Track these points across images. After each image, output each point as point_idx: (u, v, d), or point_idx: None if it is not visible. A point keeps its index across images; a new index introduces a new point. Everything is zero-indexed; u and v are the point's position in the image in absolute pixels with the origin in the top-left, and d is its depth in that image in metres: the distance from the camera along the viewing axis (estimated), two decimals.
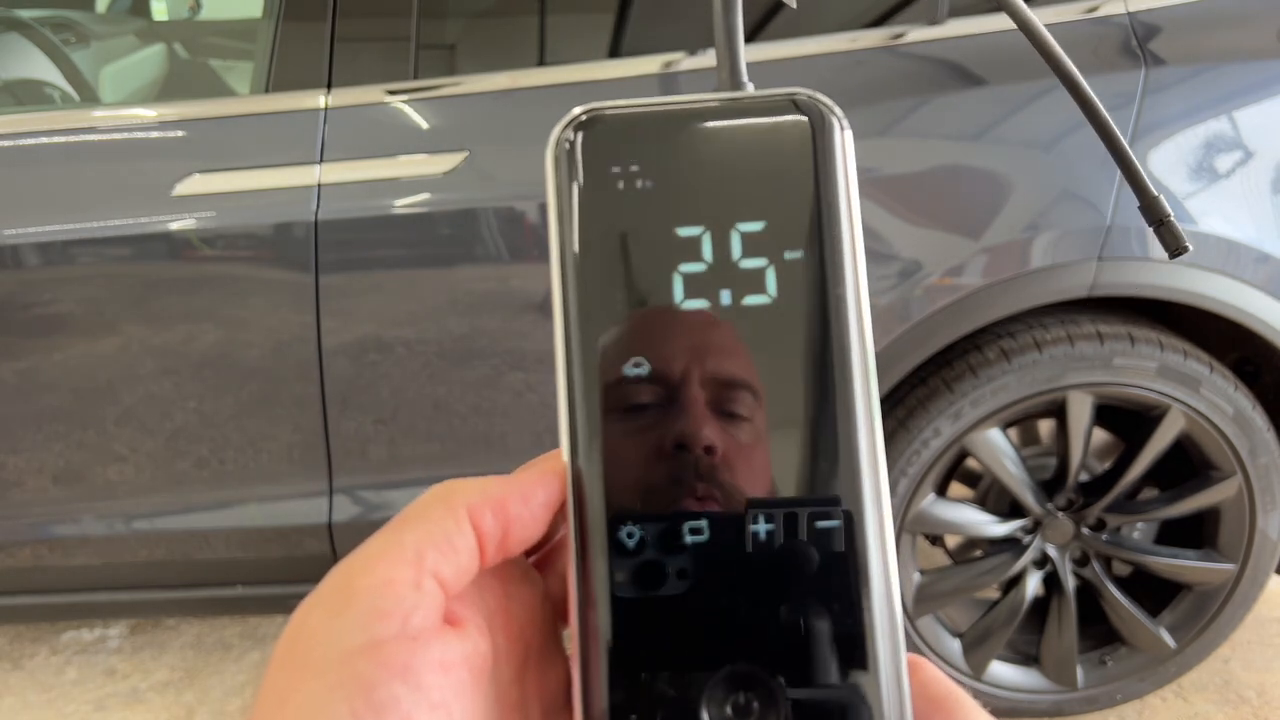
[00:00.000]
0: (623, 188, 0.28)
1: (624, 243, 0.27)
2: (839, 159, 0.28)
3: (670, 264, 0.27)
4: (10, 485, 1.48)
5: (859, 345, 0.27)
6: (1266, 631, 1.87)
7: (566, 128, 0.28)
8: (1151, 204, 0.42)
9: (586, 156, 0.28)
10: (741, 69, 0.32)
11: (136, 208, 1.38)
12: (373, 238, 1.40)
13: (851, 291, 0.27)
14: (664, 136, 0.28)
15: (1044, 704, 1.64)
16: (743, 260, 0.27)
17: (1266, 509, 1.51)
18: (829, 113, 0.28)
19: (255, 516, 1.49)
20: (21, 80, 1.73)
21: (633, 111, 0.28)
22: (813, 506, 0.26)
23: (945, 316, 1.40)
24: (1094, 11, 1.39)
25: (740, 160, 0.28)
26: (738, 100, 0.29)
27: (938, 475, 1.50)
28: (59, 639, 1.94)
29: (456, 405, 1.45)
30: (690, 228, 0.27)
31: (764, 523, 0.26)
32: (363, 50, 1.44)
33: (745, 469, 0.26)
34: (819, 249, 0.27)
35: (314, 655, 0.23)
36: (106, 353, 1.42)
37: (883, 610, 0.25)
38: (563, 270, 0.27)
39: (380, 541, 0.25)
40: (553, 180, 0.28)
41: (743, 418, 0.27)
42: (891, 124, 1.39)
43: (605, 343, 0.27)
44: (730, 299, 0.27)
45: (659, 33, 1.47)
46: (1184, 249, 0.42)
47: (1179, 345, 1.44)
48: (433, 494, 0.26)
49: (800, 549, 0.26)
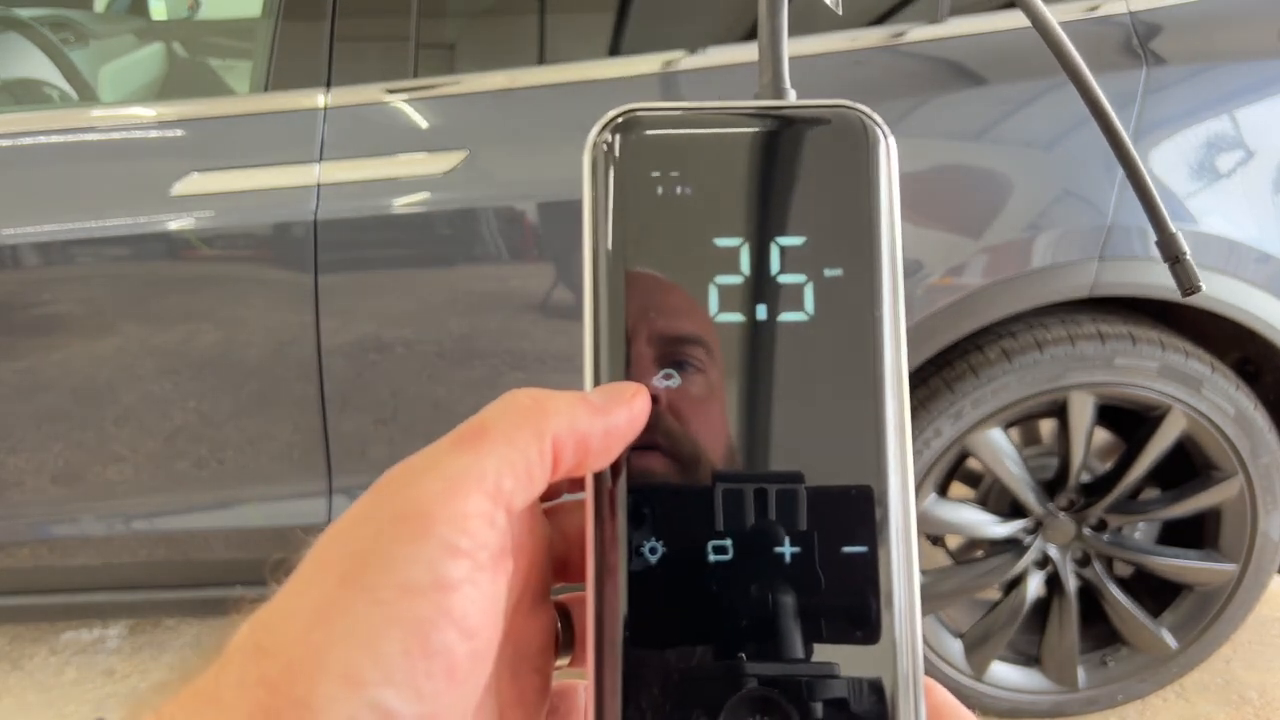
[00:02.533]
0: (661, 193, 0.27)
1: (660, 250, 0.27)
2: (883, 175, 0.27)
3: (707, 275, 0.26)
4: (10, 485, 1.48)
5: (894, 369, 0.26)
6: (1268, 632, 1.86)
7: (604, 129, 0.28)
8: (1169, 240, 0.42)
9: (625, 159, 0.27)
10: (785, 75, 0.31)
11: (135, 207, 1.37)
12: (372, 237, 1.40)
13: (890, 314, 0.26)
14: (705, 142, 0.27)
15: (1045, 704, 1.63)
16: (781, 275, 0.26)
17: (1268, 509, 1.51)
18: (874, 126, 0.27)
19: (255, 517, 1.49)
20: (20, 80, 1.73)
21: (672, 114, 0.28)
22: (841, 532, 0.25)
23: (946, 316, 1.40)
24: (1095, 10, 1.39)
25: (782, 172, 0.27)
26: (781, 109, 0.28)
27: (939, 475, 1.50)
28: (58, 639, 1.94)
29: (456, 405, 1.45)
30: (729, 238, 0.27)
31: (790, 545, 0.25)
32: (362, 49, 1.44)
33: (779, 494, 0.26)
34: (860, 268, 0.26)
35: (374, 578, 0.22)
36: (105, 353, 1.42)
37: (905, 643, 0.25)
38: (595, 275, 0.27)
39: (460, 462, 0.24)
40: (589, 182, 0.27)
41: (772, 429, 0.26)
42: (892, 123, 1.37)
43: (636, 352, 0.26)
44: (766, 314, 0.26)
45: (659, 32, 1.47)
46: (1196, 289, 0.42)
47: (1180, 345, 1.44)
48: (520, 411, 0.25)
49: (828, 573, 0.25)
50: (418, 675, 0.22)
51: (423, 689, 0.22)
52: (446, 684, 0.22)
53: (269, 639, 0.22)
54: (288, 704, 0.21)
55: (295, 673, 0.21)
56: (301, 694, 0.21)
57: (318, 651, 0.22)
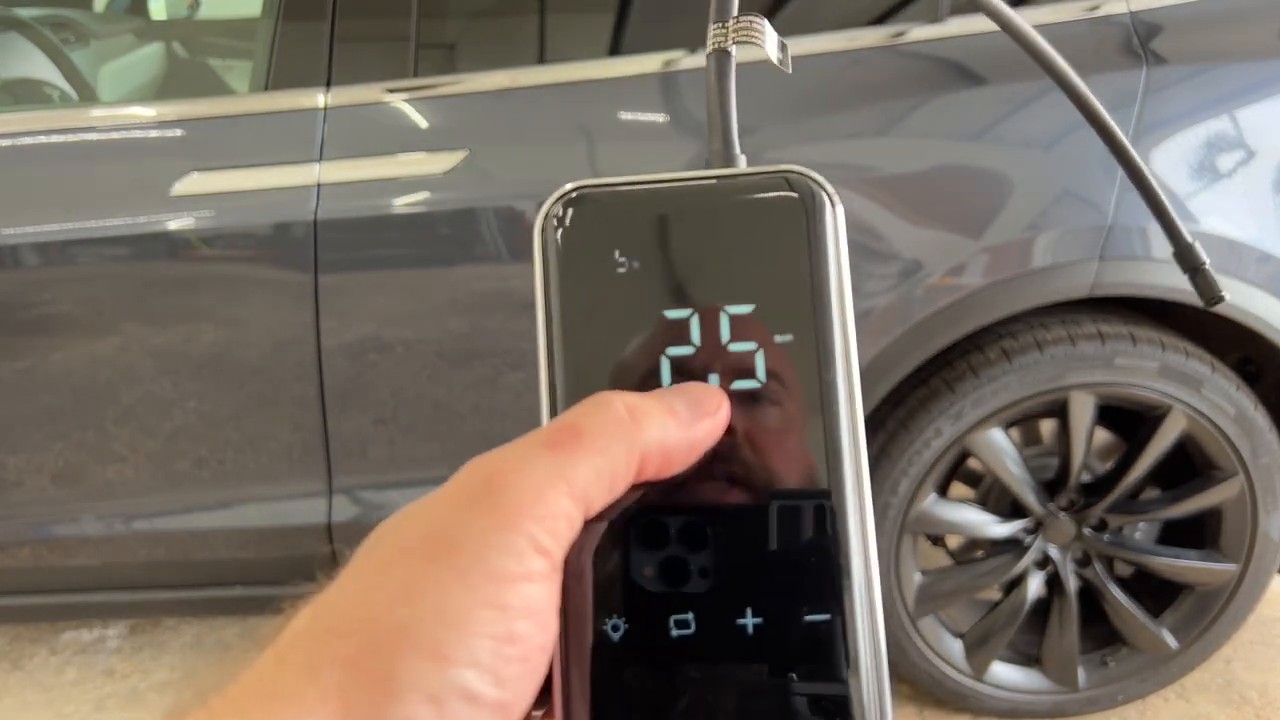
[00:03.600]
0: (610, 268, 0.27)
1: (611, 324, 0.27)
2: (830, 239, 0.27)
3: (658, 347, 0.27)
4: (10, 485, 1.47)
5: (849, 431, 0.26)
6: (1269, 632, 1.86)
7: (555, 203, 0.28)
8: (1186, 251, 0.41)
9: (574, 234, 0.28)
10: (734, 141, 0.31)
11: (135, 207, 1.37)
12: (372, 237, 1.40)
13: (842, 375, 0.26)
14: (653, 216, 0.28)
15: (1045, 705, 1.63)
16: (732, 344, 0.27)
17: (1268, 509, 1.51)
18: (820, 190, 0.28)
19: (254, 517, 1.49)
20: (20, 79, 1.73)
21: (622, 190, 0.28)
22: (803, 601, 0.26)
23: (946, 316, 1.40)
24: (1095, 10, 1.39)
25: (730, 241, 0.27)
26: (728, 178, 0.28)
27: (939, 475, 1.50)
28: (58, 639, 1.94)
29: (456, 405, 1.45)
30: (679, 310, 0.27)
31: (751, 615, 0.25)
32: (362, 49, 1.43)
33: (738, 563, 0.26)
34: (808, 332, 0.27)
35: (466, 562, 0.23)
36: (105, 353, 1.42)
37: (873, 709, 0.25)
38: (549, 349, 0.27)
39: (554, 462, 0.24)
40: (540, 256, 0.28)
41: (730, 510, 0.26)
42: (892, 123, 1.39)
43: None
44: (718, 383, 0.27)
45: (659, 31, 1.46)
46: (1219, 299, 0.42)
47: (1180, 345, 1.44)
48: (615, 421, 0.25)
49: (790, 642, 0.25)
50: (500, 660, 0.22)
51: (503, 674, 0.22)
52: (522, 672, 0.23)
53: (342, 620, 0.23)
54: (369, 680, 0.21)
55: (379, 648, 0.22)
56: (385, 669, 0.21)
57: (404, 626, 0.22)
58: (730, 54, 0.33)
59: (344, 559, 0.25)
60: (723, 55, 0.33)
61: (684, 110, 1.42)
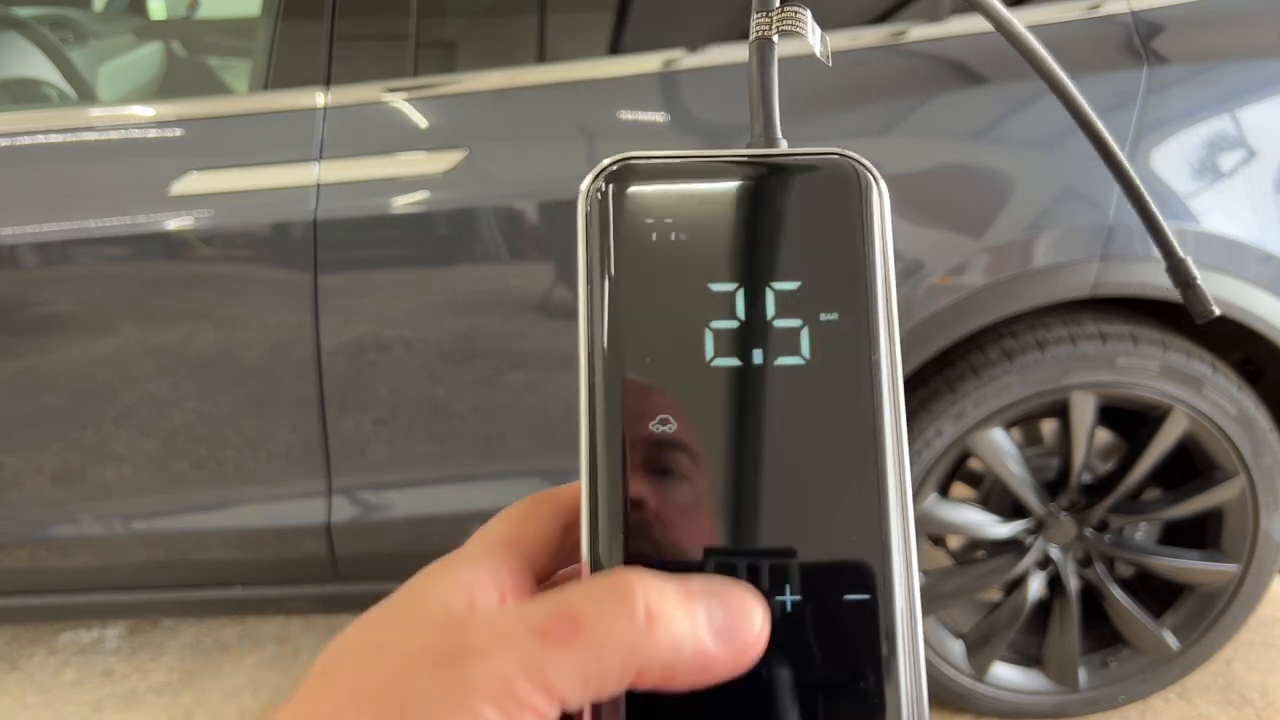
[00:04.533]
0: (655, 240, 0.27)
1: (654, 296, 0.27)
2: (876, 220, 0.27)
3: (702, 320, 0.27)
4: (8, 485, 1.47)
5: (892, 412, 0.26)
6: (1270, 632, 1.86)
7: (598, 178, 0.28)
8: (1179, 265, 0.41)
9: (619, 207, 0.27)
10: (776, 124, 0.31)
11: (134, 207, 1.37)
12: (372, 237, 1.39)
13: (886, 357, 0.26)
14: (698, 190, 0.28)
15: (1046, 705, 1.63)
16: (777, 320, 0.27)
17: (1270, 510, 1.50)
18: (865, 173, 0.28)
19: (253, 517, 1.49)
20: (19, 79, 1.72)
21: (666, 163, 0.28)
22: (842, 579, 0.25)
23: (947, 316, 1.39)
24: (1096, 10, 1.38)
25: (776, 218, 0.27)
26: (773, 157, 0.29)
27: (940, 476, 1.49)
28: (57, 640, 1.94)
29: (456, 405, 1.45)
30: (724, 284, 0.27)
31: (790, 593, 0.25)
32: (362, 48, 1.43)
33: (773, 536, 0.26)
34: (855, 312, 0.27)
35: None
36: (104, 353, 1.41)
37: (910, 694, 0.25)
38: (591, 322, 0.27)
39: (532, 657, 0.22)
40: (583, 230, 0.27)
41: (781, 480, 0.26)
42: (893, 123, 1.38)
43: (632, 397, 0.26)
44: (762, 359, 0.26)
45: (659, 31, 1.46)
46: (1210, 314, 0.41)
47: (1182, 345, 1.44)
48: (627, 626, 0.22)
49: (827, 621, 0.25)
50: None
51: None
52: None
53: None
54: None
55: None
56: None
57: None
58: (773, 42, 0.33)
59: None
60: (766, 43, 0.33)
61: (684, 110, 1.42)
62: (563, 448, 1.47)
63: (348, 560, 1.51)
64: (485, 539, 0.27)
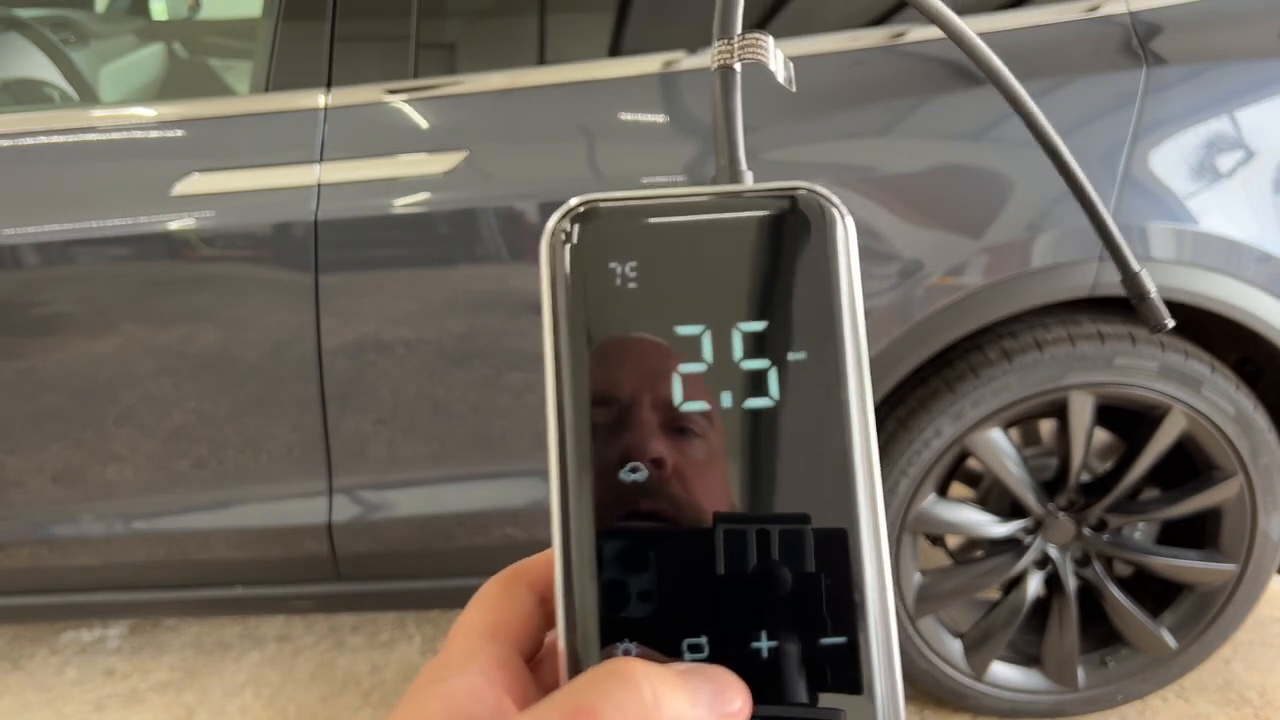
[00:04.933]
0: (620, 283, 0.27)
1: (621, 340, 0.27)
2: (841, 255, 0.27)
3: (670, 363, 0.27)
4: (10, 485, 1.48)
5: (863, 451, 0.26)
6: (1268, 632, 1.86)
7: (563, 219, 0.27)
8: (1132, 279, 0.42)
9: (583, 249, 0.27)
10: (740, 157, 0.31)
11: (136, 207, 1.37)
12: (372, 237, 1.40)
13: (856, 394, 0.26)
14: (663, 231, 0.27)
15: (1045, 704, 1.63)
16: (744, 361, 0.26)
17: (1268, 509, 1.51)
18: (830, 207, 0.27)
19: (254, 517, 1.49)
20: (21, 80, 1.73)
21: (631, 204, 0.28)
22: (820, 633, 0.25)
23: (946, 316, 1.40)
24: (1095, 11, 1.39)
25: (741, 257, 0.27)
26: (737, 195, 0.28)
27: (939, 475, 1.50)
28: (58, 639, 1.94)
29: (456, 405, 1.45)
30: (690, 326, 0.27)
31: (766, 639, 0.25)
32: (362, 49, 1.44)
33: (751, 579, 0.26)
34: (823, 350, 0.26)
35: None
36: (106, 353, 1.42)
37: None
38: (557, 368, 0.27)
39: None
40: (547, 271, 0.27)
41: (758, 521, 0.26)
42: (892, 123, 1.39)
43: (600, 442, 0.26)
44: (731, 401, 0.26)
45: (659, 32, 1.47)
46: (1163, 327, 0.42)
47: (1180, 345, 1.44)
48: (637, 709, 0.23)
49: (804, 672, 0.25)
50: None
51: None
52: None
53: None
54: None
55: None
56: None
57: None
58: (736, 71, 0.33)
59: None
60: (728, 72, 0.32)
61: (684, 111, 1.42)
62: None
63: (349, 559, 1.52)
64: (467, 636, 0.27)
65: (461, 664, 0.25)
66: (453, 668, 0.25)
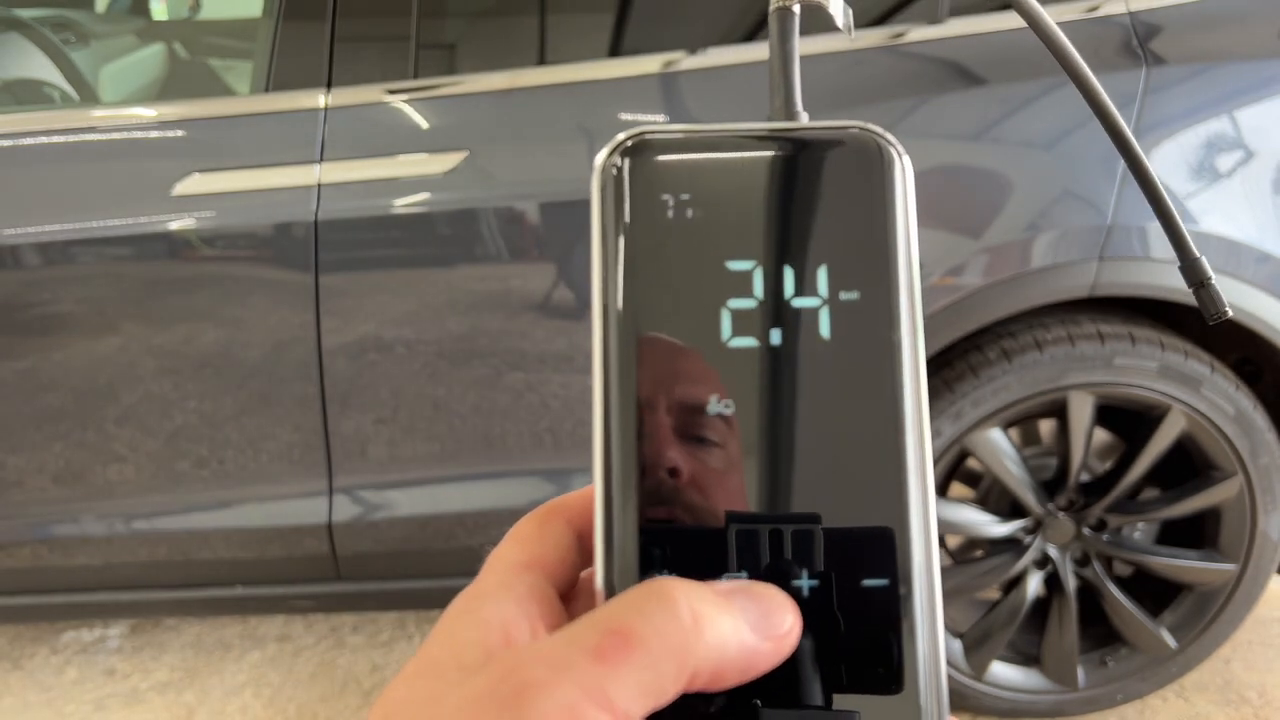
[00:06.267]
0: (672, 216, 0.26)
1: (671, 274, 0.26)
2: (899, 195, 0.26)
3: (719, 299, 0.26)
4: (10, 485, 1.48)
5: (914, 394, 0.25)
6: (1268, 632, 1.87)
7: (614, 153, 0.27)
8: (1193, 265, 0.41)
9: (634, 183, 0.27)
10: (797, 98, 0.31)
11: (136, 207, 1.38)
12: (373, 237, 1.40)
13: (908, 337, 0.26)
14: (716, 165, 0.27)
15: (1044, 704, 1.63)
16: (796, 299, 0.26)
17: (1267, 509, 1.51)
18: (888, 147, 0.27)
19: (255, 516, 1.49)
20: (21, 80, 1.73)
21: (683, 137, 0.27)
22: (863, 557, 0.25)
23: (946, 316, 1.40)
24: (1095, 11, 1.39)
25: (796, 194, 0.26)
26: (793, 130, 0.27)
27: (939, 475, 1.50)
28: (59, 639, 1.94)
29: (456, 405, 1.45)
30: (742, 261, 0.26)
31: (808, 577, 0.25)
32: (363, 49, 1.44)
33: (796, 514, 0.25)
34: (877, 291, 0.26)
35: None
36: (106, 353, 1.42)
37: (929, 688, 0.25)
38: (605, 298, 0.26)
39: (591, 679, 0.22)
40: (598, 205, 0.27)
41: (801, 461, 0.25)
42: (892, 124, 1.39)
43: (645, 376, 0.26)
44: (781, 339, 0.26)
45: (659, 32, 1.47)
46: (1223, 315, 0.41)
47: (1180, 345, 1.44)
48: (677, 629, 0.23)
49: (847, 614, 0.25)
50: None
51: None
52: None
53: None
54: None
55: None
56: None
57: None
58: (794, 13, 0.32)
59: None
60: (786, 14, 0.32)
61: (684, 111, 1.42)
62: (563, 447, 1.47)
63: (349, 559, 1.52)
64: (501, 566, 0.26)
65: (495, 593, 0.25)
66: (486, 597, 0.25)
